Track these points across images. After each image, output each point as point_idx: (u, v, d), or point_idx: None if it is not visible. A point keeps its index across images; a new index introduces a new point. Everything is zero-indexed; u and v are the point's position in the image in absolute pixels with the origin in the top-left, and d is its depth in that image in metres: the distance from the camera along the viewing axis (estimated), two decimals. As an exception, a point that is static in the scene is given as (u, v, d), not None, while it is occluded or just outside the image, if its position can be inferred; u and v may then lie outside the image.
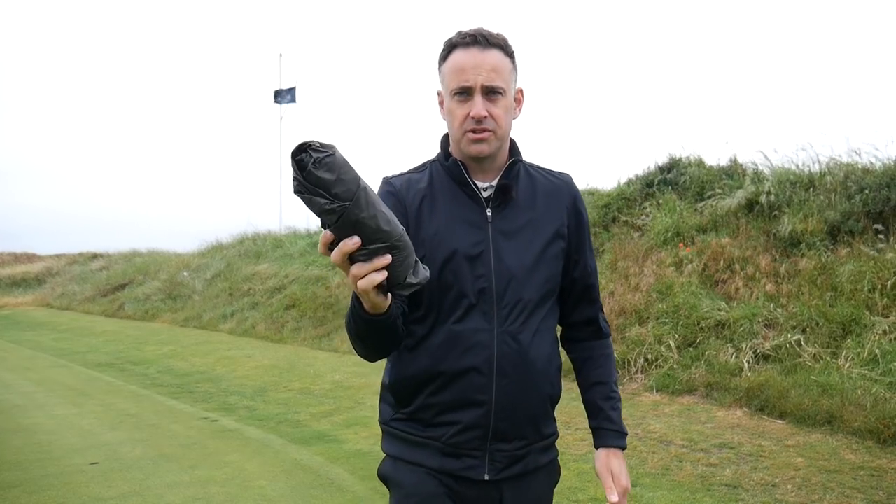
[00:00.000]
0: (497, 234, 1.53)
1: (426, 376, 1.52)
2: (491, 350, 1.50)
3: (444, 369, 1.50)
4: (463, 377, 1.49)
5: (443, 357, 1.50)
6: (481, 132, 1.50)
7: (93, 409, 6.99)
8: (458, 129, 1.52)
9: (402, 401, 1.56)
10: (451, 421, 1.51)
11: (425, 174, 1.61)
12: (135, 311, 16.76)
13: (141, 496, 4.23)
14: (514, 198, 1.56)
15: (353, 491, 4.28)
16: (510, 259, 1.52)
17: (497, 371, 1.50)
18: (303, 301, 12.74)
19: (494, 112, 1.50)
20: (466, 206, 1.55)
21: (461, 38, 1.52)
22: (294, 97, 20.73)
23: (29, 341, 13.65)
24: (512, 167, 1.57)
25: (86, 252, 26.11)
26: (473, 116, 1.49)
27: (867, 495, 3.91)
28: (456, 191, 1.56)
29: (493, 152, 1.54)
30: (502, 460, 1.53)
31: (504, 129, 1.53)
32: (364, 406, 6.67)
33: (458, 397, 1.50)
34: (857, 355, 5.67)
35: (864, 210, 7.02)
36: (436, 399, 1.52)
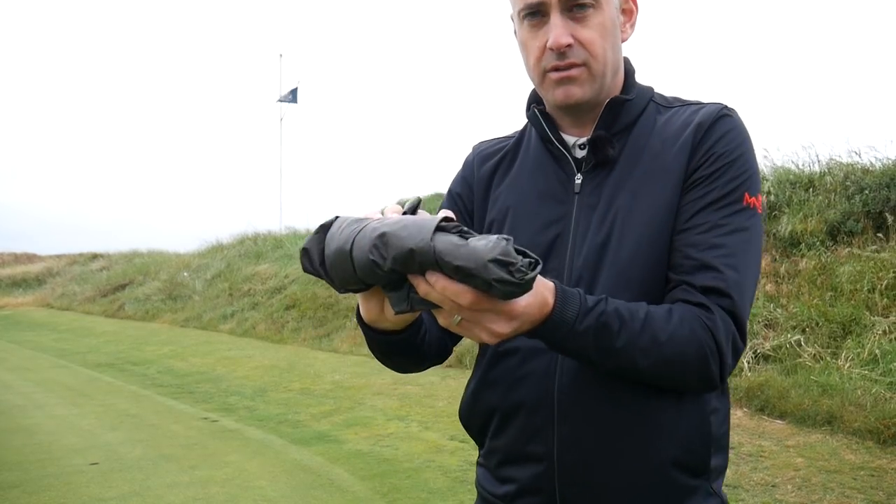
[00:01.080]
0: (584, 210, 1.06)
1: (484, 409, 1.12)
2: (550, 379, 1.02)
3: (498, 403, 1.09)
4: (515, 417, 1.06)
5: (495, 384, 1.08)
6: (567, 68, 1.03)
7: (93, 409, 6.99)
8: (535, 68, 1.06)
9: (473, 438, 1.19)
10: (512, 477, 1.08)
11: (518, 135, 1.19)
12: (135, 311, 16.77)
13: (141, 496, 4.24)
14: (612, 156, 1.06)
15: (353, 491, 4.28)
16: (596, 247, 1.03)
17: (559, 412, 1.02)
18: (303, 301, 12.74)
19: (583, 36, 1.02)
20: (549, 171, 1.10)
21: None
22: (295, 97, 20.76)
23: (29, 342, 13.65)
24: (616, 110, 1.07)
25: (86, 252, 26.11)
26: (551, 47, 1.02)
27: (867, 495, 3.91)
28: (540, 151, 1.13)
29: (590, 96, 1.05)
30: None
31: (603, 60, 1.04)
32: (364, 406, 6.68)
33: (516, 445, 1.07)
34: (857, 355, 5.68)
35: (864, 210, 7.03)
36: (496, 443, 1.11)
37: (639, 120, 1.08)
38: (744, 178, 1.01)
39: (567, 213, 1.07)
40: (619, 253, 1.02)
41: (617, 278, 1.01)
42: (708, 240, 0.98)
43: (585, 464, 1.01)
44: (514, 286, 0.76)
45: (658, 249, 1.01)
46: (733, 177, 1.01)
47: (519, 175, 1.13)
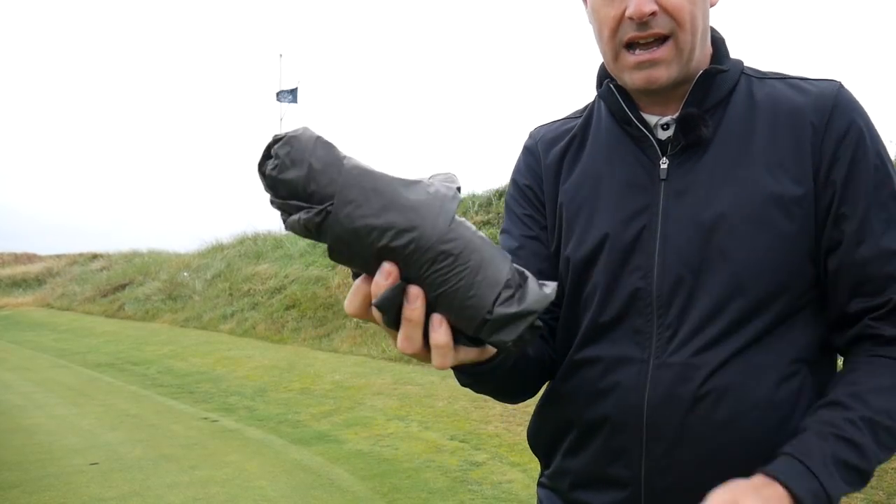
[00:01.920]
0: (672, 198, 0.92)
1: (556, 425, 1.01)
2: (640, 394, 0.90)
3: (573, 418, 0.97)
4: (596, 435, 0.94)
5: (570, 398, 0.96)
6: (648, 45, 0.88)
7: (93, 409, 6.99)
8: (609, 43, 0.91)
9: (540, 457, 1.07)
10: (585, 502, 0.97)
11: (583, 118, 1.04)
12: (135, 311, 16.76)
13: (141, 496, 4.24)
14: (705, 137, 0.91)
15: (353, 491, 4.28)
16: (691, 240, 0.89)
17: (648, 430, 0.89)
18: (303, 301, 12.73)
19: (670, 2, 0.86)
20: (628, 156, 0.96)
21: None
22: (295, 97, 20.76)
23: (29, 342, 13.66)
24: (708, 85, 0.92)
25: (86, 252, 26.10)
26: (631, 16, 0.86)
27: (867, 495, 3.91)
28: (616, 134, 0.98)
29: (678, 76, 0.90)
30: None
31: (692, 30, 0.88)
32: (364, 406, 6.67)
33: (593, 467, 0.95)
34: (857, 355, 5.68)
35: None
36: (571, 464, 0.98)
37: (732, 95, 0.94)
38: (889, 165, 0.90)
39: (652, 202, 0.93)
40: (731, 253, 0.88)
41: (729, 282, 0.88)
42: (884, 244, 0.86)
43: (678, 491, 0.87)
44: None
45: (780, 252, 0.88)
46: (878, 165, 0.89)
47: (592, 160, 0.99)
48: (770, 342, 0.88)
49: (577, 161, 1.00)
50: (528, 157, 1.06)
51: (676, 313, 0.89)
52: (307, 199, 0.63)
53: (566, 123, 1.06)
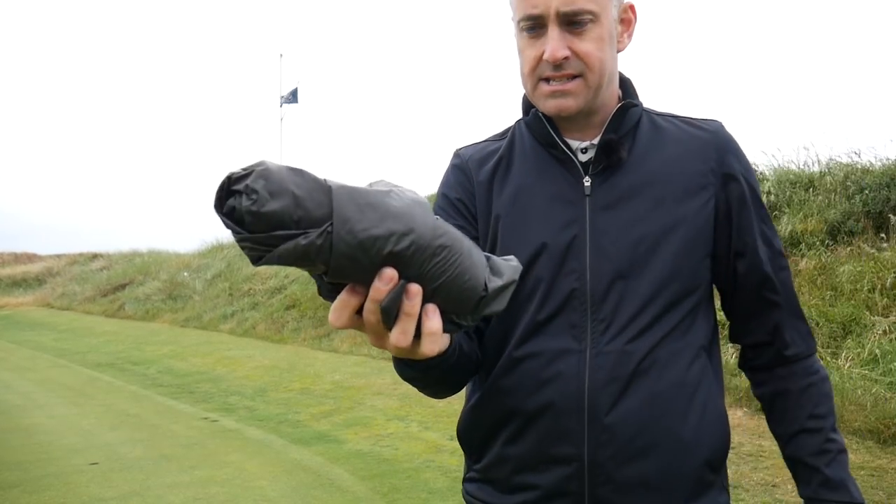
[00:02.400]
0: (598, 211, 1.07)
1: (495, 418, 1.10)
2: (580, 380, 1.02)
3: (516, 408, 1.07)
4: (539, 421, 1.05)
5: (512, 390, 1.07)
6: (561, 79, 1.03)
7: (93, 409, 7.00)
8: (530, 77, 1.06)
9: (472, 452, 1.17)
10: (530, 484, 1.06)
11: (506, 140, 1.17)
12: (135, 311, 16.77)
13: (141, 496, 4.24)
14: (624, 159, 1.08)
15: (353, 491, 4.28)
16: (616, 246, 1.05)
17: (589, 411, 1.02)
18: (303, 301, 12.74)
19: (581, 48, 1.02)
20: (555, 175, 1.10)
21: None
22: (296, 97, 20.77)
23: (29, 341, 13.66)
24: (623, 116, 1.09)
25: (86, 252, 26.11)
26: (548, 58, 1.02)
27: (867, 495, 3.91)
28: (542, 155, 1.12)
29: (584, 107, 1.05)
30: None
31: (599, 71, 1.04)
32: (364, 406, 6.68)
33: (537, 450, 1.05)
34: (858, 355, 5.68)
35: (864, 210, 7.03)
36: (511, 451, 1.08)
37: (638, 126, 1.11)
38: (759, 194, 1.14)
39: (580, 215, 1.07)
40: (652, 259, 1.05)
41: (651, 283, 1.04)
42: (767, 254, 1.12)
43: (619, 461, 1.02)
44: None
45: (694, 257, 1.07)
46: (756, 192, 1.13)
47: (522, 178, 1.12)
48: (681, 332, 1.06)
49: (507, 179, 1.12)
50: (459, 174, 1.17)
51: (609, 309, 1.04)
52: (294, 227, 0.63)
53: (490, 145, 1.19)
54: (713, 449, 1.06)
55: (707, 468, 1.05)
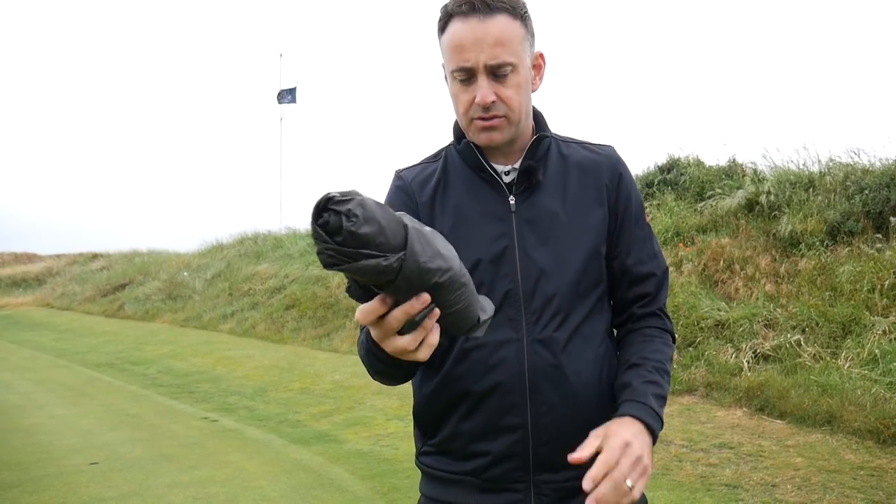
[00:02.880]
0: (523, 224, 1.29)
1: (449, 400, 1.29)
2: (521, 362, 1.25)
3: (468, 390, 1.27)
4: (489, 399, 1.26)
5: (464, 375, 1.27)
6: (490, 119, 1.26)
7: (93, 409, 7.00)
8: (464, 117, 1.29)
9: (427, 430, 1.35)
10: (483, 451, 1.28)
11: (440, 163, 1.38)
12: (135, 311, 16.77)
13: (141, 496, 4.24)
14: (541, 181, 1.31)
15: (353, 491, 4.28)
16: (539, 253, 1.28)
17: (531, 388, 1.25)
18: (303, 301, 12.74)
19: (504, 94, 1.24)
20: (486, 195, 1.31)
21: (457, 5, 1.24)
22: (294, 97, 20.76)
23: (29, 341, 13.66)
24: (538, 146, 1.32)
25: (86, 252, 26.12)
26: (479, 102, 1.24)
27: (867, 495, 3.91)
28: (473, 178, 1.33)
29: (508, 139, 1.29)
30: (552, 494, 1.27)
31: (519, 111, 1.27)
32: (364, 406, 6.68)
33: (487, 423, 1.27)
34: (857, 355, 5.68)
35: (864, 210, 7.03)
36: (465, 426, 1.29)
37: (549, 153, 1.36)
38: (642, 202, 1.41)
39: (509, 228, 1.30)
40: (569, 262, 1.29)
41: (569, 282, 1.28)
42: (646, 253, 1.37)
43: (556, 426, 1.26)
44: None
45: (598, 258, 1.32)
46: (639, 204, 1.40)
47: (458, 198, 1.33)
48: (591, 321, 1.31)
49: (445, 198, 1.33)
50: (402, 195, 1.36)
51: (538, 305, 1.27)
52: (375, 249, 0.81)
53: (427, 167, 1.39)
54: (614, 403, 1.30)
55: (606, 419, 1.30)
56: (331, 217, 0.80)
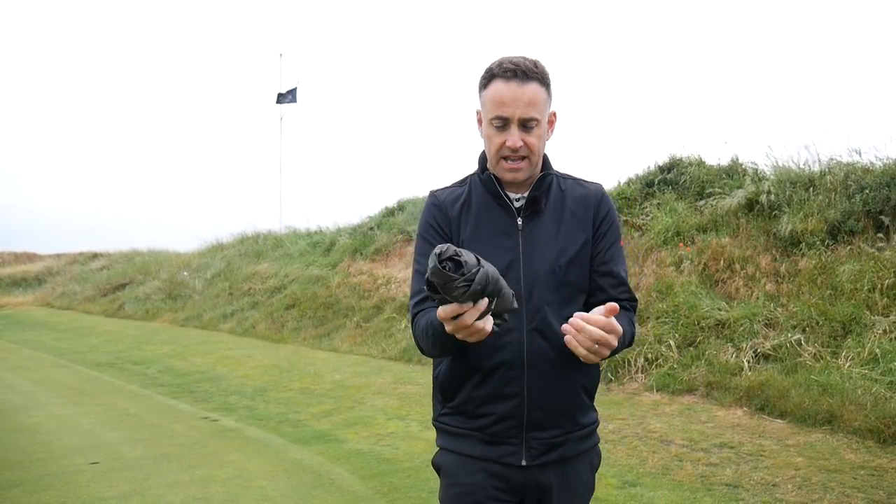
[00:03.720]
0: (526, 241, 1.68)
1: (466, 373, 1.68)
2: (521, 346, 1.63)
3: (481, 366, 1.65)
4: (496, 372, 1.64)
5: (478, 354, 1.63)
6: (517, 160, 1.66)
7: (93, 408, 7.00)
8: (495, 155, 1.68)
9: (447, 396, 1.73)
10: (489, 413, 1.66)
11: (466, 187, 1.78)
12: (135, 310, 16.77)
13: (141, 496, 4.24)
14: (543, 209, 1.71)
15: (353, 490, 4.28)
16: (538, 264, 1.66)
17: (528, 365, 1.63)
18: (303, 301, 12.74)
19: (529, 141, 1.64)
20: (500, 216, 1.71)
21: (502, 70, 1.63)
22: (295, 97, 20.74)
23: (29, 341, 13.66)
24: (542, 181, 1.72)
25: (86, 251, 26.11)
26: (510, 146, 1.63)
27: (867, 495, 3.91)
28: (491, 202, 1.72)
29: (527, 178, 1.70)
30: (538, 447, 1.67)
31: (537, 155, 1.68)
32: (364, 406, 6.68)
33: (494, 391, 1.65)
34: (858, 355, 5.68)
35: (865, 209, 7.03)
36: (476, 393, 1.67)
37: (551, 186, 1.74)
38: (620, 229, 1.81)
39: (516, 243, 1.68)
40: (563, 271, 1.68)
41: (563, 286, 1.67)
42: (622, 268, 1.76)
43: (545, 395, 1.65)
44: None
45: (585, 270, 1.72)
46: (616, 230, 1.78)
47: (477, 217, 1.72)
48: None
49: (469, 216, 1.73)
50: (437, 210, 1.76)
51: (535, 303, 1.64)
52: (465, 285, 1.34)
53: (455, 190, 1.78)
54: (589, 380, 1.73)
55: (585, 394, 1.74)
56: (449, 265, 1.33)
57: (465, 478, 1.69)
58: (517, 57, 1.65)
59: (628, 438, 5.13)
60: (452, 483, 1.71)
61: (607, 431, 5.30)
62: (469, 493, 1.68)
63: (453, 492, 1.71)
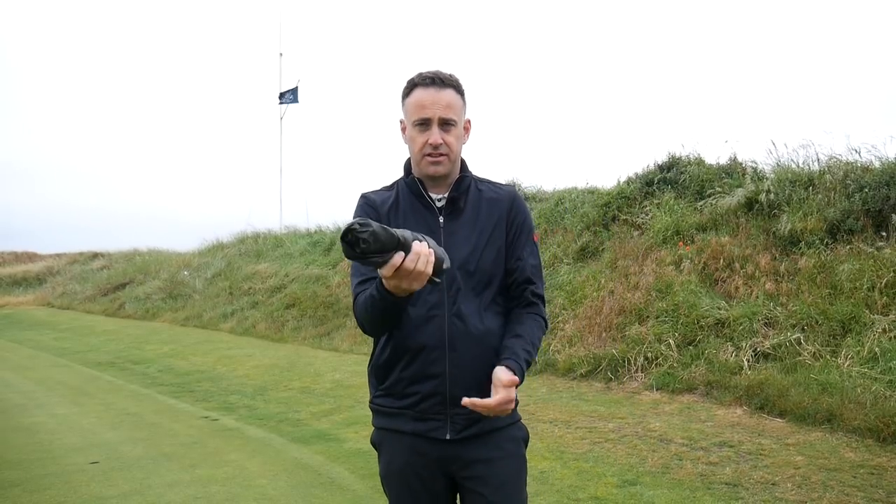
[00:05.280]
0: (447, 236, 1.86)
1: (395, 355, 1.85)
2: (443, 329, 1.81)
3: (408, 348, 1.82)
4: (421, 353, 1.82)
5: (405, 338, 1.82)
6: (437, 156, 1.85)
7: (93, 408, 7.00)
8: (419, 153, 1.87)
9: (380, 378, 1.91)
10: (416, 392, 1.83)
11: (394, 191, 1.96)
12: (135, 310, 16.78)
13: (141, 495, 4.24)
14: (461, 207, 1.91)
15: (353, 490, 4.28)
16: (457, 255, 1.83)
17: (448, 346, 1.81)
18: (303, 300, 12.74)
19: (448, 139, 1.85)
20: (424, 215, 1.90)
21: (422, 79, 1.87)
22: (296, 97, 20.74)
23: (29, 340, 13.66)
24: (461, 182, 1.92)
25: (86, 251, 26.12)
26: (431, 143, 1.84)
27: (867, 493, 3.91)
28: (415, 202, 1.91)
29: (447, 172, 1.89)
30: (460, 422, 1.82)
31: (455, 153, 1.88)
32: (364, 405, 6.68)
33: (419, 371, 1.82)
34: (857, 353, 5.68)
35: (864, 208, 7.03)
36: (404, 374, 1.84)
37: (469, 187, 1.94)
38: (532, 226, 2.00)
39: (438, 239, 1.80)
40: (479, 262, 1.87)
41: (479, 274, 1.86)
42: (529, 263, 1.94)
43: (463, 373, 1.80)
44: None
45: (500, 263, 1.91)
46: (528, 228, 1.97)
47: (405, 215, 1.89)
48: (493, 303, 1.89)
49: (397, 215, 1.90)
50: (370, 209, 1.92)
51: (455, 290, 1.82)
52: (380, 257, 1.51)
53: (384, 194, 1.96)
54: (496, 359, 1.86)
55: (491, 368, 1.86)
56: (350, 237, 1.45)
57: (397, 456, 1.88)
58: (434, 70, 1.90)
59: (628, 437, 5.14)
60: (389, 461, 1.90)
61: (607, 430, 5.30)
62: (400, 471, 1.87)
63: (390, 469, 1.90)
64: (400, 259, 1.52)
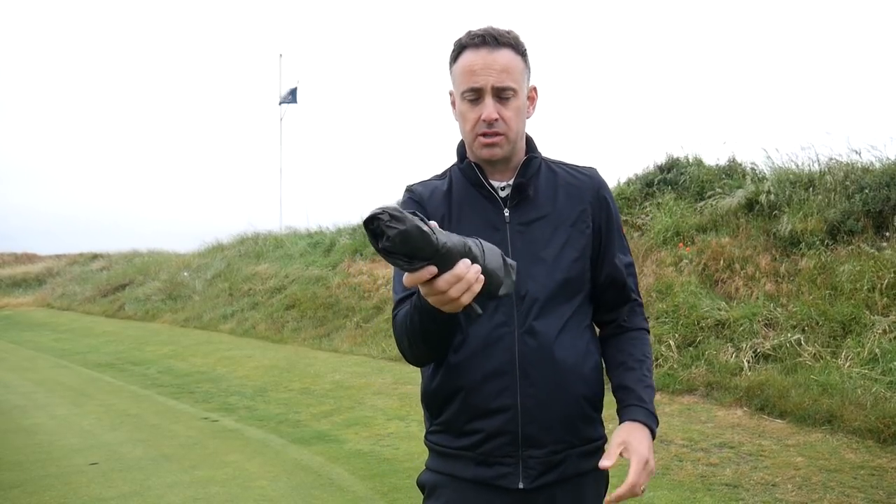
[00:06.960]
0: (515, 233, 1.49)
1: (450, 382, 1.46)
2: (512, 351, 1.43)
3: (468, 375, 1.45)
4: (486, 381, 1.44)
5: (466, 361, 1.45)
6: (493, 136, 1.46)
7: (93, 409, 7.00)
8: (470, 133, 1.49)
9: (433, 411, 1.53)
10: (479, 429, 1.45)
11: (446, 180, 1.58)
12: (135, 311, 16.77)
13: (141, 496, 4.24)
14: (531, 196, 1.51)
15: (353, 491, 4.28)
16: (529, 259, 1.46)
17: (520, 372, 1.43)
18: (303, 301, 12.74)
19: (505, 114, 1.46)
20: (484, 208, 1.51)
21: (470, 38, 1.47)
22: (295, 97, 20.75)
23: (29, 342, 13.66)
24: (528, 165, 1.52)
25: (86, 252, 26.11)
26: (484, 119, 1.45)
27: (867, 494, 3.91)
28: (473, 193, 1.52)
29: (506, 155, 1.49)
30: (536, 467, 1.44)
31: (516, 131, 1.48)
32: (364, 406, 6.68)
33: (482, 403, 1.44)
34: (857, 354, 5.68)
35: (864, 209, 7.03)
36: (464, 407, 1.46)
37: (539, 171, 1.55)
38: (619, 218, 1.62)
39: (504, 237, 1.48)
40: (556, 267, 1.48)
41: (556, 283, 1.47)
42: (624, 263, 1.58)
43: (539, 407, 1.43)
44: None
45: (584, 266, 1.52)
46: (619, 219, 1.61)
47: (461, 209, 1.52)
48: (577, 316, 1.50)
49: (451, 210, 1.52)
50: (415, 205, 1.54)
51: (528, 304, 1.45)
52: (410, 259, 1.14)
53: (434, 183, 1.59)
54: (592, 390, 1.50)
55: (589, 405, 1.51)
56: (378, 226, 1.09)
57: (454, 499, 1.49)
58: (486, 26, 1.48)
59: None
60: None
61: (607, 431, 5.30)
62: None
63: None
64: (429, 275, 1.14)
